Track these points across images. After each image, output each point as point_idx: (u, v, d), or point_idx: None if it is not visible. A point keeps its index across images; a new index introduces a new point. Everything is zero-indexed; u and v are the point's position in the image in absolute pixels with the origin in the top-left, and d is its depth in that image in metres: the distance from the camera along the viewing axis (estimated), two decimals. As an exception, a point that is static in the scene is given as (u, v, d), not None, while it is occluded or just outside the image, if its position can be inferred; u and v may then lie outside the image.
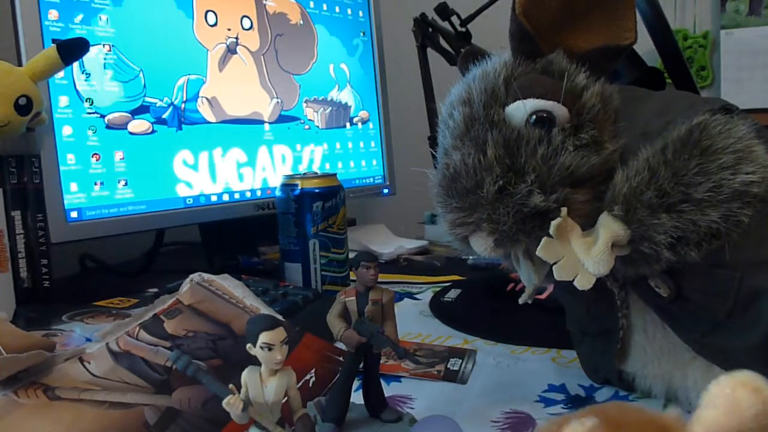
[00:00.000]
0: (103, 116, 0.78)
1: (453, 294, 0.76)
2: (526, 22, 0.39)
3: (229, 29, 0.91)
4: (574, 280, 0.36)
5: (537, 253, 0.36)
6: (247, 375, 0.35)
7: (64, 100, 0.75)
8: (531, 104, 0.38)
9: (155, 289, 0.77)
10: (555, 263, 0.36)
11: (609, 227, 0.36)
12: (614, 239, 0.36)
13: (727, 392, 0.20)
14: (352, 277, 0.41)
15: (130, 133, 0.81)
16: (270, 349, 0.34)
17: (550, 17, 0.39)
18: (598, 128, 0.38)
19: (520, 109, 0.38)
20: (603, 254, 0.35)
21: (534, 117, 0.38)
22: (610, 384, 0.48)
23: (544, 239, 0.36)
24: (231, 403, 0.34)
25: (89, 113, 0.77)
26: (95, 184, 0.78)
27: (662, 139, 0.37)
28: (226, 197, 0.90)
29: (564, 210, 0.36)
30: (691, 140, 0.36)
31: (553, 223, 0.36)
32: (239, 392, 0.35)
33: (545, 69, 0.39)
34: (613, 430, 0.19)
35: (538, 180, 0.37)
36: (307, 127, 1.02)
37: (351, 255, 0.75)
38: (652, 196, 0.35)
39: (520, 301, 0.42)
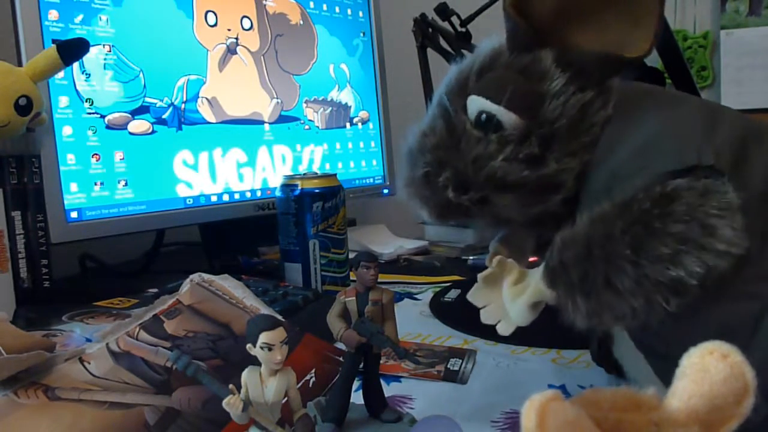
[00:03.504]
0: (103, 116, 0.78)
1: (453, 294, 0.76)
2: (517, 14, 0.36)
3: (229, 29, 0.92)
4: (496, 324, 0.38)
5: (467, 297, 0.39)
6: (247, 375, 0.35)
7: (64, 101, 0.75)
8: (478, 103, 0.37)
9: (155, 289, 0.77)
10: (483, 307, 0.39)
11: (537, 286, 0.36)
12: (540, 299, 0.36)
13: (695, 361, 0.20)
14: (352, 277, 0.41)
15: (130, 134, 0.81)
16: (270, 349, 0.34)
17: (549, 10, 0.36)
18: (551, 146, 0.36)
19: (473, 104, 0.38)
20: (524, 310, 0.37)
21: (483, 116, 0.37)
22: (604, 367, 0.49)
23: (475, 285, 0.38)
24: (231, 403, 0.34)
25: (89, 113, 0.77)
26: (95, 184, 0.78)
27: (622, 193, 0.33)
28: (226, 197, 0.90)
29: (496, 259, 0.37)
30: (644, 218, 0.32)
31: (481, 274, 0.38)
32: (239, 392, 0.35)
33: (526, 67, 0.37)
34: (589, 406, 0.19)
35: (455, 178, 0.37)
36: (307, 127, 1.02)
37: (351, 255, 0.75)
38: (575, 277, 0.33)
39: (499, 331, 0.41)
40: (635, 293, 0.32)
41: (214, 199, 0.89)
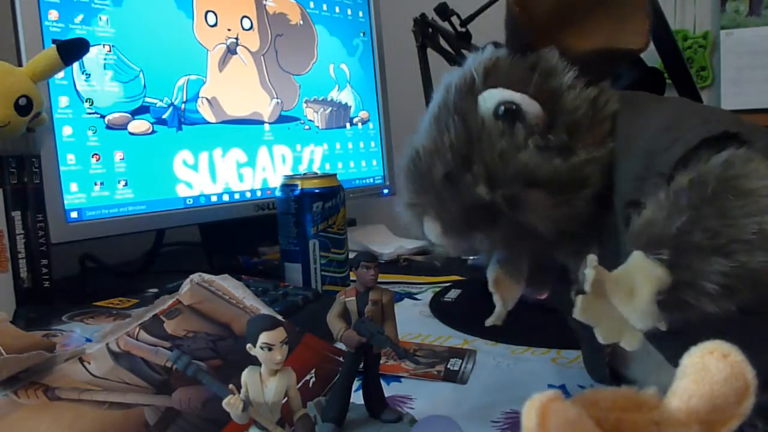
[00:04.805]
0: (103, 116, 0.78)
1: (453, 294, 0.76)
2: (521, 12, 0.36)
3: (229, 29, 0.92)
4: (620, 341, 0.31)
5: (575, 315, 0.30)
6: (247, 375, 0.35)
7: (64, 101, 0.75)
8: (499, 94, 0.36)
9: (155, 289, 0.77)
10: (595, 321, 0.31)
11: (651, 274, 0.30)
12: (659, 288, 0.30)
13: (696, 361, 0.20)
14: (352, 277, 0.41)
15: (130, 134, 0.81)
16: (270, 349, 0.34)
17: (548, 11, 0.36)
18: (576, 134, 0.35)
19: (489, 98, 0.37)
20: (649, 307, 0.30)
21: (502, 108, 0.36)
22: (606, 383, 0.48)
23: (580, 298, 0.30)
24: (231, 403, 0.34)
25: (89, 113, 0.77)
26: (95, 184, 0.78)
27: (690, 171, 0.31)
28: (226, 197, 0.90)
29: (593, 258, 0.30)
30: (729, 177, 0.30)
31: (589, 282, 0.30)
32: (239, 392, 0.35)
33: (533, 65, 0.37)
34: (589, 406, 0.19)
35: (486, 172, 0.35)
36: (307, 127, 1.02)
37: (351, 255, 0.75)
38: (702, 237, 0.30)
39: (487, 323, 0.40)
40: (759, 245, 0.29)
41: (214, 199, 0.89)
